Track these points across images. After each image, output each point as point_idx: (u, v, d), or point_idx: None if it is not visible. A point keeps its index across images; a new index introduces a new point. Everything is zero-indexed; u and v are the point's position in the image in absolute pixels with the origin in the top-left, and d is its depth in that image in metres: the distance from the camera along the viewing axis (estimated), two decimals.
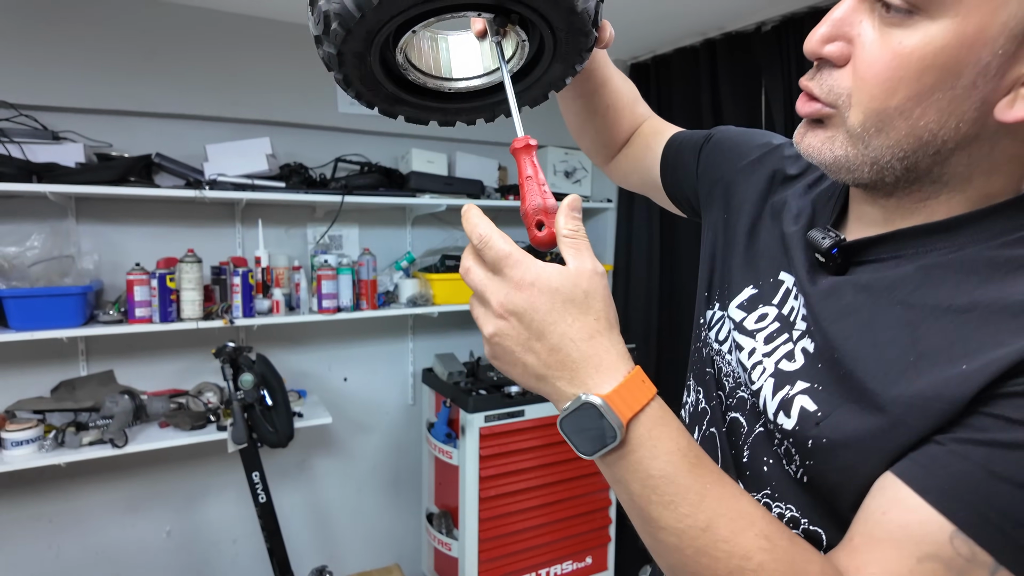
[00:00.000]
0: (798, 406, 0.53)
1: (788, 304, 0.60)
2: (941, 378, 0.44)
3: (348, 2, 0.49)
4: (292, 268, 2.39)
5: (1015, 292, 0.44)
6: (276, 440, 2.09)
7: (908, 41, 0.44)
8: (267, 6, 2.25)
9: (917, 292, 0.48)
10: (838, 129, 0.50)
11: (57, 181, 1.89)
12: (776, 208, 0.66)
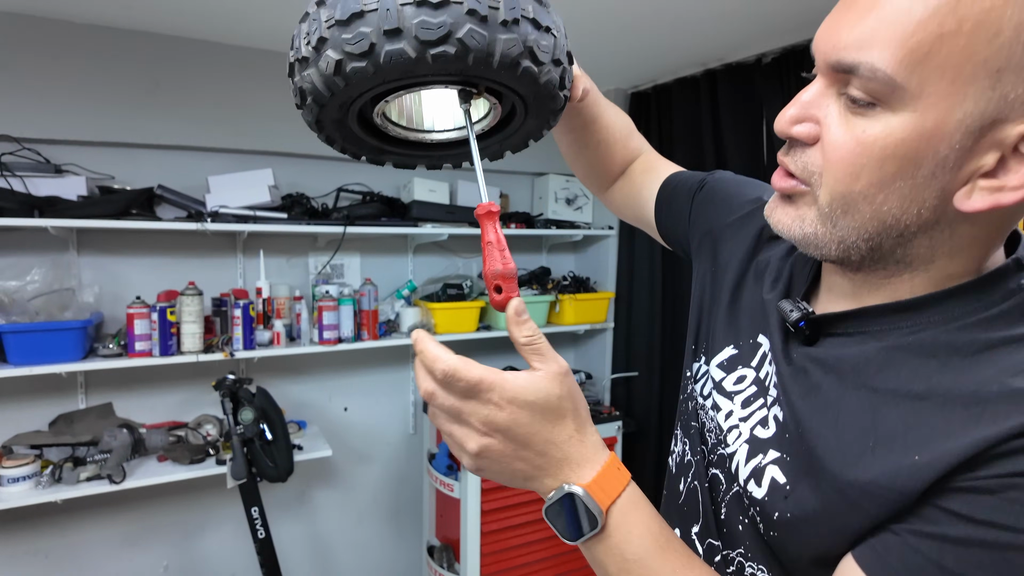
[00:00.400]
0: (769, 476, 0.55)
1: (764, 368, 0.61)
2: (895, 467, 0.45)
3: (318, 82, 0.52)
4: (293, 298, 2.38)
5: (969, 381, 0.45)
6: (276, 475, 2.06)
7: (871, 130, 0.46)
8: (269, 38, 2.27)
9: (879, 375, 0.50)
10: (809, 207, 0.51)
11: (59, 215, 1.88)
12: (760, 268, 0.67)
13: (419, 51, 0.49)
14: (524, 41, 0.52)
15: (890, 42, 0.43)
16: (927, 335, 0.49)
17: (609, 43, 2.30)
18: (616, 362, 2.98)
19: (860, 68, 0.44)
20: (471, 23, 0.49)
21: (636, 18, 2.04)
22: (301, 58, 0.53)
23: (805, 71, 0.53)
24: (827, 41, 0.48)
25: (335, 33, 0.50)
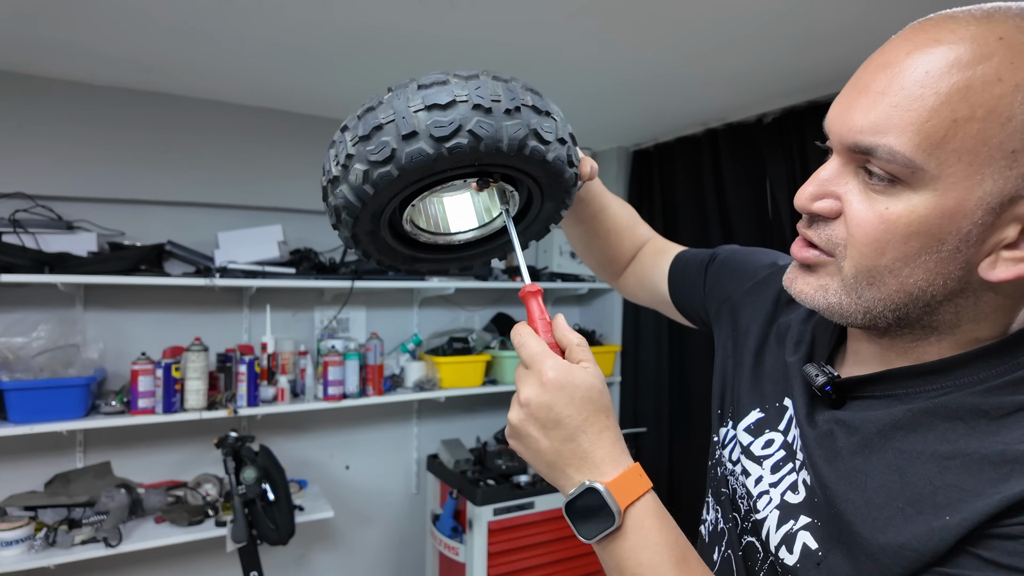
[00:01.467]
0: (800, 542, 0.54)
1: (792, 432, 0.60)
2: (926, 529, 0.45)
3: (350, 194, 0.57)
4: (298, 353, 2.36)
5: (997, 442, 0.45)
6: (277, 538, 1.99)
7: (894, 208, 0.46)
8: (280, 99, 2.34)
9: (907, 438, 0.49)
10: (832, 277, 0.52)
11: (69, 271, 1.89)
12: (780, 332, 0.67)
13: (436, 148, 0.53)
14: (528, 124, 0.56)
15: (906, 128, 0.44)
16: (953, 398, 0.49)
17: (611, 103, 2.37)
18: (624, 417, 2.93)
19: (878, 151, 0.46)
20: (478, 116, 0.54)
21: (638, 81, 2.10)
22: (332, 178, 0.58)
23: (819, 140, 0.54)
24: (842, 123, 0.49)
25: (360, 148, 0.55)
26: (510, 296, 3.00)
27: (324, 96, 2.28)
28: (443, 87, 0.54)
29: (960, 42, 0.43)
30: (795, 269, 0.55)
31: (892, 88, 0.45)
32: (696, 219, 2.66)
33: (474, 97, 0.54)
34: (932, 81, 0.43)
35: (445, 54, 1.88)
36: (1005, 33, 0.43)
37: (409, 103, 0.54)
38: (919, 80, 0.44)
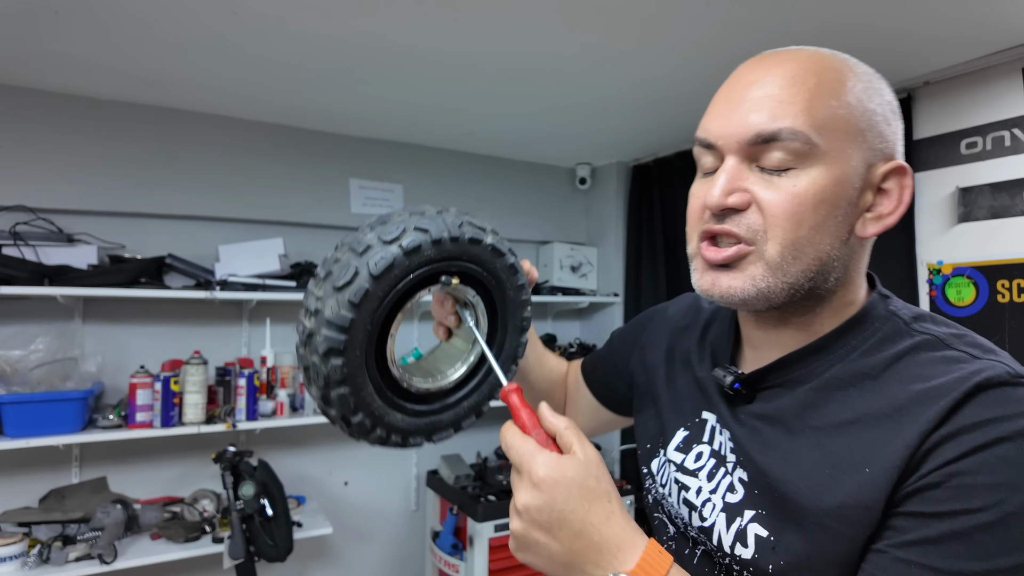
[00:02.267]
0: (752, 534, 0.58)
1: (716, 440, 0.66)
2: (854, 485, 0.52)
3: (331, 332, 0.57)
4: (297, 367, 2.34)
5: (883, 397, 0.54)
6: (275, 555, 1.96)
7: (800, 184, 0.55)
8: (281, 114, 2.35)
9: (816, 415, 0.57)
10: (757, 265, 0.56)
11: (68, 284, 1.88)
12: (683, 357, 0.75)
13: (392, 251, 0.57)
14: (462, 222, 0.62)
15: (799, 114, 0.54)
16: (839, 369, 0.58)
17: (610, 118, 2.39)
18: (626, 432, 2.91)
19: (782, 133, 0.54)
20: (417, 222, 0.60)
21: (637, 95, 2.12)
22: (308, 333, 0.58)
23: (700, 145, 0.61)
24: (736, 126, 0.56)
25: (325, 286, 0.58)
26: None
27: (325, 111, 2.30)
28: (385, 221, 0.61)
29: (804, 59, 0.57)
30: (712, 272, 0.59)
31: (772, 91, 0.55)
32: None
33: (413, 217, 0.61)
34: (800, 82, 0.55)
35: (447, 69, 1.89)
36: (825, 54, 0.58)
37: (357, 237, 0.59)
38: (790, 83, 0.55)
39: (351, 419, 0.61)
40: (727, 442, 0.64)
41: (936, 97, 1.90)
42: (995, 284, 1.75)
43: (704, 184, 0.60)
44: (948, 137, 1.87)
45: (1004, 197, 1.74)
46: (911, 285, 1.92)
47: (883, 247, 1.95)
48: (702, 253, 0.59)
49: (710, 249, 0.58)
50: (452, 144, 2.76)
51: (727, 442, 0.64)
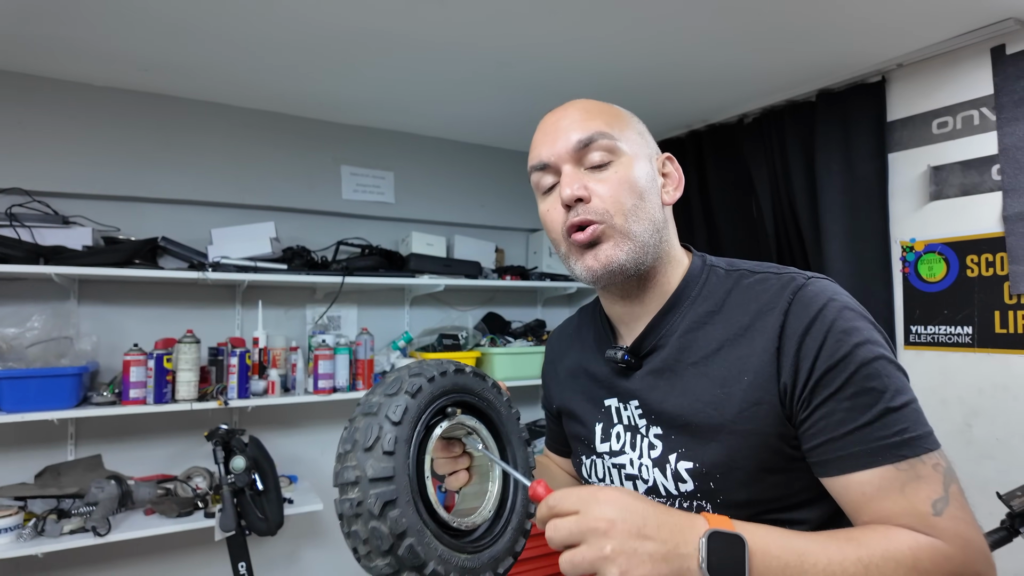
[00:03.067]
0: (683, 470, 0.72)
1: (623, 416, 0.80)
2: (740, 390, 0.68)
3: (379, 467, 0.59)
4: (289, 349, 2.39)
5: (731, 322, 0.72)
6: (265, 528, 2.00)
7: (619, 172, 0.73)
8: (274, 101, 2.39)
9: (691, 357, 0.73)
10: (615, 236, 0.72)
11: (63, 263, 1.92)
12: (574, 369, 0.90)
13: (405, 399, 0.63)
14: (441, 362, 0.70)
15: (601, 124, 0.74)
16: (690, 316, 0.75)
17: None
18: None
19: (595, 135, 0.73)
20: (408, 372, 0.66)
21: (623, 82, 2.17)
22: (357, 502, 0.59)
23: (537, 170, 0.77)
24: (563, 143, 0.74)
25: (362, 458, 0.60)
26: (501, 296, 3.05)
27: (317, 98, 2.34)
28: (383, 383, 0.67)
29: (590, 102, 0.78)
30: (589, 253, 0.73)
31: (579, 116, 0.75)
32: (683, 220, 2.71)
33: (402, 371, 0.68)
34: (595, 110, 0.76)
35: (435, 55, 1.94)
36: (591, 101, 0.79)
37: (366, 404, 0.64)
38: (589, 111, 0.76)
39: (425, 571, 0.60)
40: (634, 411, 0.78)
41: (909, 79, 1.95)
42: (964, 259, 1.80)
43: (551, 199, 0.77)
44: (920, 118, 1.92)
45: (973, 175, 1.79)
46: (885, 263, 1.97)
47: (859, 227, 2.00)
48: (573, 239, 0.73)
49: (579, 235, 0.72)
50: (443, 132, 2.81)
51: (634, 411, 0.78)
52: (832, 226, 2.05)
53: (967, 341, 1.79)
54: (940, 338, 1.85)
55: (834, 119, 2.09)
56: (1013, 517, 1.43)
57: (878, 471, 0.61)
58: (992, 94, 1.75)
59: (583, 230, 0.72)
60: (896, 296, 1.97)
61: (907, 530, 0.59)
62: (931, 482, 0.60)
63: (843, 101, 2.07)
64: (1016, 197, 1.69)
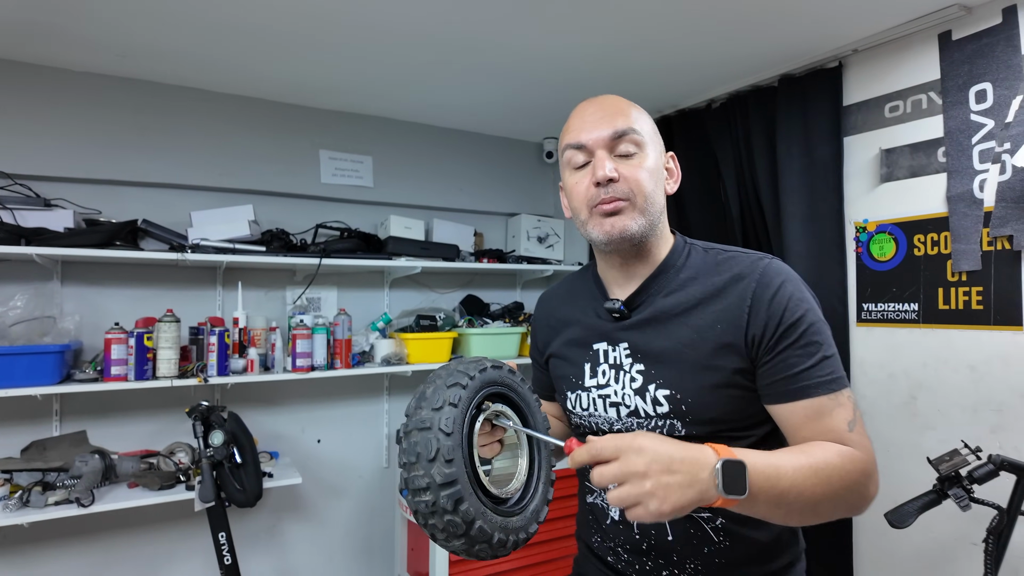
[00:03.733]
0: (661, 396, 0.92)
1: (610, 357, 0.99)
2: (715, 336, 0.89)
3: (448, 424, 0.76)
4: (269, 329, 2.46)
5: (708, 284, 0.93)
6: (244, 499, 2.08)
7: (646, 163, 0.92)
8: (255, 86, 2.44)
9: (673, 308, 0.94)
10: (633, 211, 0.91)
11: (45, 244, 1.98)
12: (566, 321, 1.08)
13: (452, 411, 0.77)
14: (480, 360, 0.85)
15: (632, 122, 0.92)
16: (674, 279, 0.96)
17: (575, 93, 2.49)
18: None
19: (630, 131, 0.92)
20: (447, 381, 0.80)
21: (589, 68, 2.22)
22: (431, 503, 0.73)
23: (573, 148, 0.95)
24: (604, 130, 0.92)
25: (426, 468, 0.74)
26: (480, 279, 3.12)
27: (294, 83, 2.39)
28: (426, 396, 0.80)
29: (621, 99, 0.96)
30: (609, 220, 0.91)
31: (615, 111, 0.93)
32: None
33: (439, 380, 0.81)
34: (626, 107, 0.94)
35: (406, 43, 1.99)
36: (625, 99, 0.97)
37: (418, 420, 0.77)
38: (621, 109, 0.94)
39: (493, 541, 0.76)
40: (622, 352, 0.97)
41: (864, 64, 2.01)
42: (912, 239, 1.87)
43: (581, 174, 0.94)
44: (874, 102, 1.98)
45: (921, 157, 1.86)
46: (840, 243, 2.04)
47: (817, 209, 2.08)
48: (600, 208, 0.91)
49: (604, 204, 0.91)
50: (420, 117, 2.86)
51: (622, 352, 0.97)
52: (791, 208, 2.12)
53: (913, 317, 1.87)
54: (889, 315, 1.93)
55: (795, 103, 2.15)
56: (942, 481, 1.51)
57: (816, 400, 0.84)
58: (939, 79, 1.81)
59: (609, 202, 0.91)
60: (850, 275, 2.04)
61: (834, 443, 0.82)
62: (846, 409, 0.84)
63: (803, 86, 2.13)
64: (959, 178, 1.76)
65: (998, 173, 1.68)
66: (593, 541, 1.06)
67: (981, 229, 1.72)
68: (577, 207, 0.95)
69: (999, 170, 1.68)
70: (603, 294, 1.02)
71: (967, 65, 1.75)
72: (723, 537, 0.92)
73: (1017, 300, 1.65)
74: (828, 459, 0.79)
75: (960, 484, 1.50)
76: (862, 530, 2.02)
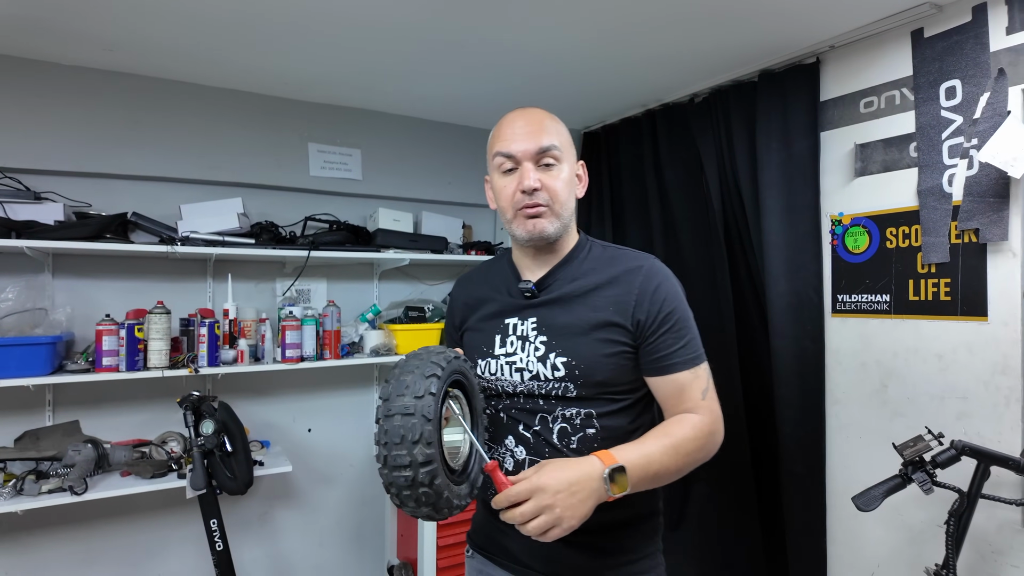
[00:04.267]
0: (559, 363, 1.09)
1: (519, 329, 1.15)
2: (606, 314, 1.08)
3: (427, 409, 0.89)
4: (259, 320, 2.49)
5: (603, 274, 1.12)
6: (235, 487, 2.13)
7: (563, 175, 1.11)
8: (244, 79, 2.46)
9: (574, 291, 1.12)
10: (551, 215, 1.10)
11: (35, 237, 2.01)
12: (483, 300, 1.23)
13: (431, 401, 0.90)
14: (443, 352, 0.99)
15: (554, 137, 1.10)
16: (576, 268, 1.14)
17: (563, 89, 2.53)
18: None
19: (551, 146, 1.09)
20: (424, 372, 0.92)
21: (574, 63, 2.25)
22: (412, 478, 0.87)
23: (507, 160, 1.11)
24: (531, 145, 1.09)
25: (409, 449, 0.87)
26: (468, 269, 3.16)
27: (283, 76, 2.41)
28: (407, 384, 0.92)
29: (544, 112, 1.13)
30: (528, 221, 1.09)
31: (545, 130, 1.10)
32: (639, 199, 2.82)
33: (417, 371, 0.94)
34: (554, 123, 1.13)
35: (394, 36, 2.02)
36: (546, 111, 1.15)
37: (400, 405, 0.89)
38: (550, 123, 1.12)
39: (453, 506, 0.92)
40: (529, 325, 1.14)
41: (840, 61, 2.06)
42: (885, 232, 1.92)
43: (509, 178, 1.10)
44: (849, 97, 2.02)
45: (894, 152, 1.91)
46: (816, 235, 2.09)
47: (794, 202, 2.12)
48: (524, 212, 1.09)
49: (527, 208, 1.09)
50: (409, 110, 2.89)
51: (529, 325, 1.14)
52: (770, 201, 2.17)
53: (885, 308, 1.92)
54: (862, 306, 1.98)
55: (774, 99, 2.19)
56: (907, 466, 1.57)
57: (684, 373, 1.06)
58: (911, 75, 1.86)
59: (532, 207, 1.09)
60: (825, 267, 2.09)
61: (690, 414, 1.05)
62: (703, 380, 1.08)
63: (782, 81, 2.17)
64: (929, 173, 1.81)
65: (966, 168, 1.73)
66: (489, 494, 1.20)
67: (950, 222, 1.77)
68: (504, 207, 1.11)
69: (967, 165, 1.73)
70: (517, 276, 1.18)
71: (938, 62, 1.79)
72: None
73: (983, 291, 1.71)
74: (684, 434, 1.01)
75: (924, 469, 1.56)
76: (835, 515, 2.09)
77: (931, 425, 1.71)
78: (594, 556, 1.09)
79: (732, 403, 2.34)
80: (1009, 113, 1.64)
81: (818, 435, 2.10)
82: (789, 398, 2.13)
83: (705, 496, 2.48)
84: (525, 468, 1.09)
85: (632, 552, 1.12)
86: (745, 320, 2.36)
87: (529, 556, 1.13)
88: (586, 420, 1.08)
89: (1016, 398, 1.65)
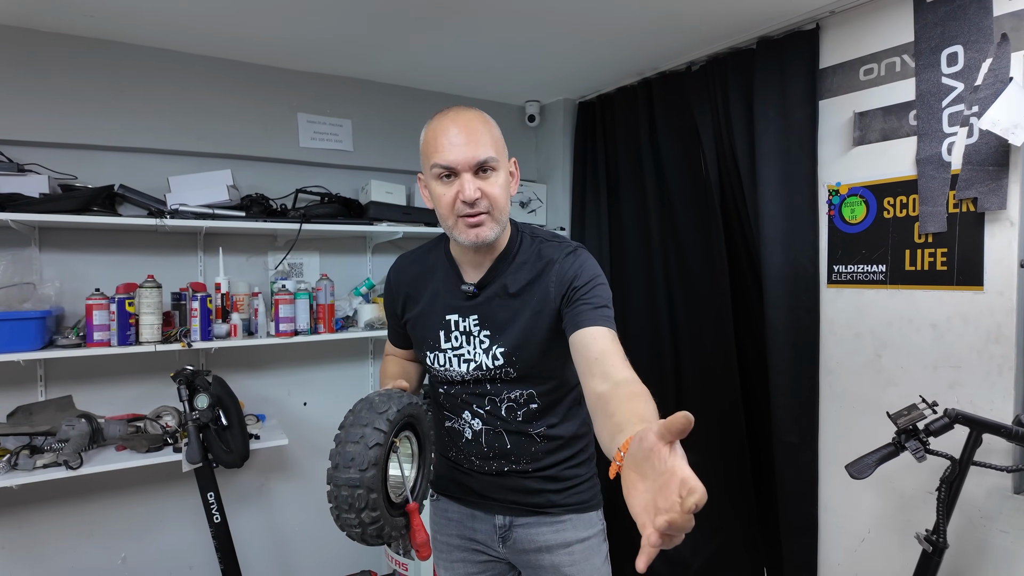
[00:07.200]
0: (499, 353, 1.21)
1: (461, 326, 1.24)
2: (536, 305, 1.18)
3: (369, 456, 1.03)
4: (251, 294, 2.47)
5: (534, 268, 1.20)
6: (231, 460, 2.13)
7: (499, 181, 1.14)
8: (227, 48, 2.40)
9: (511, 287, 1.20)
10: (492, 221, 1.14)
11: (20, 210, 1.97)
12: (426, 296, 1.29)
13: (377, 453, 1.03)
14: (391, 399, 1.10)
15: (490, 147, 1.13)
16: (510, 265, 1.21)
17: (557, 58, 2.47)
18: None
19: (489, 159, 1.12)
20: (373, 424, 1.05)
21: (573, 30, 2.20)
22: (354, 498, 1.02)
23: (444, 171, 1.13)
24: (470, 156, 1.11)
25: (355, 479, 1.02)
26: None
27: (269, 44, 2.35)
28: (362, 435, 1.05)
29: (479, 115, 1.16)
30: (470, 229, 1.13)
31: (479, 136, 1.12)
32: (634, 170, 2.79)
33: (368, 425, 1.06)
34: (488, 129, 1.14)
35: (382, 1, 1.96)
36: (482, 112, 1.17)
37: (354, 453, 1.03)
38: (484, 130, 1.13)
39: (384, 532, 1.03)
40: (471, 322, 1.23)
41: (840, 27, 2.02)
42: (882, 202, 1.91)
43: (448, 186, 1.13)
44: (849, 64, 1.99)
45: (893, 120, 1.88)
46: (813, 205, 2.08)
47: (791, 172, 2.10)
48: (466, 220, 1.13)
49: (471, 219, 1.12)
50: (400, 79, 2.83)
51: (471, 322, 1.23)
52: (767, 171, 2.15)
53: (880, 278, 1.92)
54: (858, 276, 1.98)
55: (772, 66, 2.15)
56: (899, 434, 1.59)
57: (602, 328, 1.09)
58: (912, 41, 1.82)
59: (472, 215, 1.13)
60: (822, 237, 2.08)
61: (637, 385, 0.99)
62: (619, 347, 1.08)
63: (780, 48, 2.13)
64: (928, 141, 1.79)
65: (966, 136, 1.71)
66: (450, 454, 1.36)
67: (948, 192, 1.76)
68: (444, 213, 1.15)
69: (967, 133, 1.71)
70: (458, 276, 1.25)
71: (939, 28, 1.76)
72: (542, 439, 1.27)
73: (979, 261, 1.71)
74: (648, 394, 1.02)
75: (917, 437, 1.57)
76: (827, 482, 2.12)
77: (924, 394, 1.73)
78: (545, 482, 1.28)
79: (728, 374, 2.35)
80: (1011, 80, 1.62)
81: (811, 404, 2.12)
82: (783, 368, 2.14)
83: (698, 464, 2.50)
84: (482, 438, 1.28)
85: (573, 479, 1.31)
86: (741, 291, 2.36)
87: (491, 489, 1.30)
88: (529, 398, 1.24)
89: (1009, 366, 1.66)
